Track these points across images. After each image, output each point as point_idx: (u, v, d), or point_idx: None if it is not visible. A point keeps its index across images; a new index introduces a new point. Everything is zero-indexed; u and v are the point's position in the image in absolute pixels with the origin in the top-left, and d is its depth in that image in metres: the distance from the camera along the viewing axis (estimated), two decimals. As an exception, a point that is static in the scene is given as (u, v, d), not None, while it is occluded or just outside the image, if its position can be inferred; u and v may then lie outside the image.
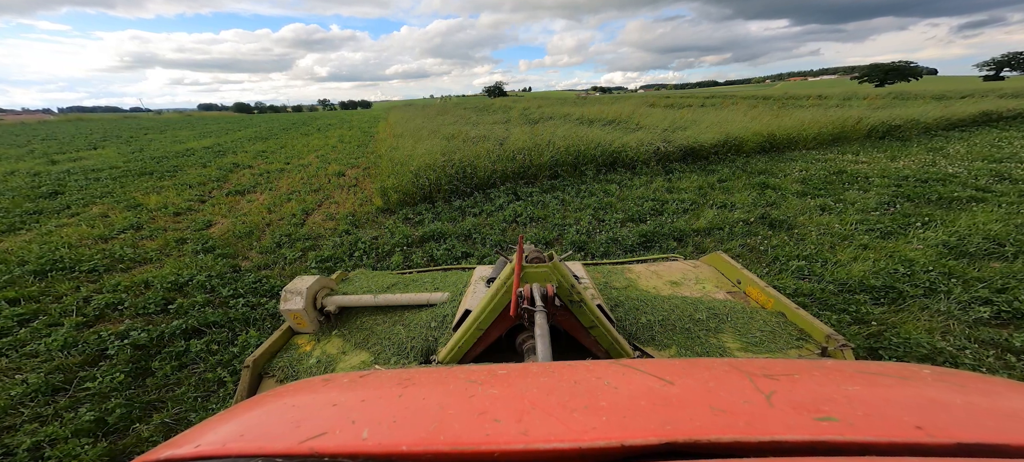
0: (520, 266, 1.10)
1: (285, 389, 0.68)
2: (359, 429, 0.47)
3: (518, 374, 0.61)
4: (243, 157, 13.51)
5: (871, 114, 12.35)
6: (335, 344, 1.78)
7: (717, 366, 0.61)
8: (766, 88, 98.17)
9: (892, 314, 3.26)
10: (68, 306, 3.99)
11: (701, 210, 5.93)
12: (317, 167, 10.99)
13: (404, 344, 1.69)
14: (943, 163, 7.97)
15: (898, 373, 0.59)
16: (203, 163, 12.42)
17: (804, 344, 1.51)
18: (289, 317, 1.82)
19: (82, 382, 2.99)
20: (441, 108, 30.64)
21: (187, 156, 14.11)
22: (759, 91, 74.03)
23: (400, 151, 9.28)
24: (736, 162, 8.83)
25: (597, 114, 18.75)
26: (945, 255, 4.08)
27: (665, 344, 1.57)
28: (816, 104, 19.44)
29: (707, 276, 2.09)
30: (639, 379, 0.55)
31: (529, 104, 31.39)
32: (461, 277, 2.16)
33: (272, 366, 1.68)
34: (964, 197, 5.83)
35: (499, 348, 1.32)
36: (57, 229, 6.32)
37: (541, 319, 1.03)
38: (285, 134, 22.53)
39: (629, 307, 1.78)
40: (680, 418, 0.45)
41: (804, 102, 21.68)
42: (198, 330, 3.59)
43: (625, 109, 20.00)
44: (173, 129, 30.45)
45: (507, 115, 21.22)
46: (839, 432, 0.41)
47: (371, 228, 6.00)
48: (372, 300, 1.91)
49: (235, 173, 10.79)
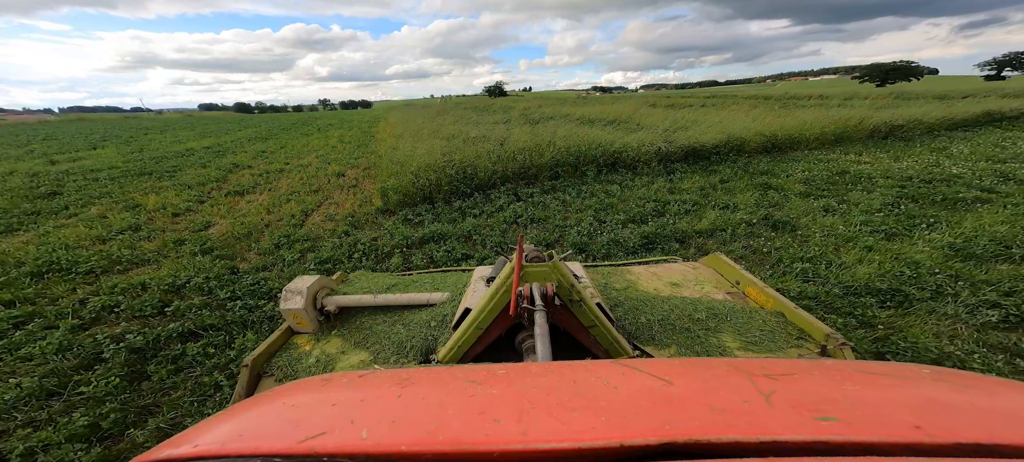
0: (520, 265, 1.10)
1: (284, 389, 0.68)
2: (358, 429, 0.47)
3: (518, 374, 0.61)
4: (243, 157, 13.48)
5: (874, 114, 12.29)
6: (334, 344, 1.77)
7: (717, 366, 0.61)
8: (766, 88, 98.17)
9: (899, 317, 3.21)
10: (64, 308, 3.95)
11: (703, 211, 5.88)
12: (317, 167, 10.95)
13: (403, 344, 1.69)
14: (947, 163, 7.92)
15: (897, 373, 0.59)
16: (203, 163, 12.39)
17: (803, 344, 1.51)
18: (289, 316, 1.81)
19: (77, 386, 2.95)
20: (441, 108, 30.61)
21: (187, 156, 14.08)
22: (760, 91, 74.08)
23: (400, 151, 9.24)
24: (738, 162, 8.78)
25: (598, 114, 18.73)
26: (952, 257, 4.03)
27: (665, 344, 1.57)
28: (818, 104, 19.38)
29: (706, 277, 2.10)
30: (639, 379, 0.55)
31: (529, 104, 31.35)
32: (461, 278, 2.16)
33: (271, 365, 1.67)
34: (969, 198, 5.78)
35: (499, 347, 1.31)
36: (55, 230, 6.29)
37: (541, 318, 1.04)
38: (285, 134, 22.52)
39: (629, 307, 1.78)
40: (680, 418, 0.45)
41: (805, 102, 21.63)
42: (195, 333, 3.55)
43: (626, 109, 19.96)
44: (173, 129, 30.44)
45: (508, 115, 21.17)
46: (839, 432, 0.41)
47: (371, 229, 5.96)
48: (372, 300, 1.91)
49: (235, 173, 10.75)
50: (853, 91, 44.46)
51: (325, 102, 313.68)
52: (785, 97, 29.85)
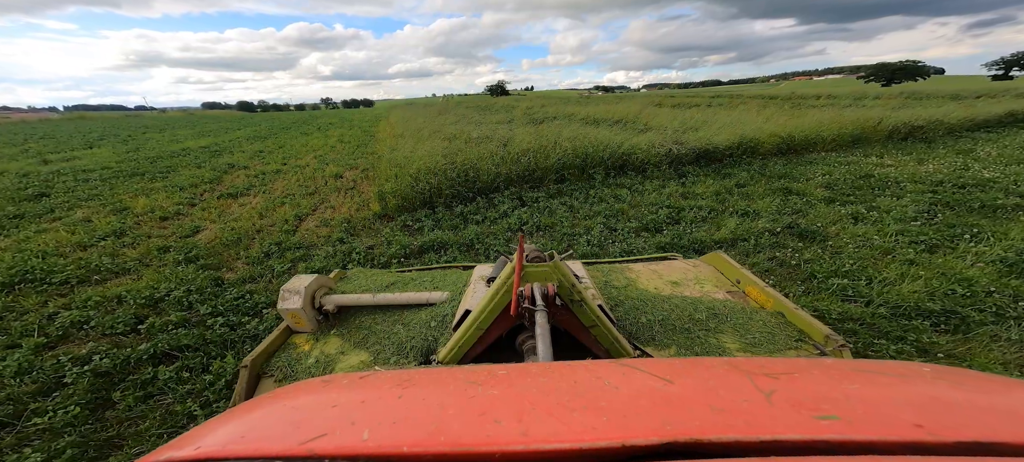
0: (521, 265, 1.08)
1: (285, 390, 0.67)
2: (359, 430, 0.46)
3: (518, 374, 0.60)
4: (239, 157, 13.15)
5: (892, 114, 11.87)
6: (334, 344, 1.76)
7: (717, 365, 0.60)
8: (771, 88, 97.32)
9: (959, 344, 2.84)
10: (29, 324, 3.62)
11: (721, 218, 5.51)
12: (314, 168, 10.61)
13: (404, 344, 1.68)
14: (976, 167, 7.51)
15: (897, 371, 0.58)
16: (198, 163, 12.07)
17: (802, 344, 1.51)
18: (287, 316, 1.80)
19: (33, 415, 2.62)
20: (443, 107, 30.20)
21: (182, 156, 13.75)
22: (765, 90, 73.38)
23: (400, 152, 8.87)
24: (753, 165, 8.39)
25: (603, 114, 18.31)
26: (1006, 273, 3.65)
27: (665, 344, 1.57)
28: (828, 104, 18.93)
29: (707, 276, 2.08)
30: (639, 379, 0.54)
31: (532, 103, 30.89)
32: (461, 276, 2.13)
33: (270, 366, 1.66)
34: (1009, 205, 5.38)
35: (499, 348, 1.31)
36: (36, 235, 5.96)
37: (542, 319, 1.03)
38: (285, 133, 22.19)
39: (629, 307, 1.77)
40: (681, 418, 0.44)
41: (814, 102, 21.19)
42: (169, 355, 3.22)
43: (631, 109, 19.54)
44: (173, 128, 30.19)
45: (510, 115, 20.77)
46: (839, 431, 0.41)
47: (367, 236, 5.61)
48: (371, 299, 1.88)
49: (230, 174, 10.42)
50: (861, 91, 44.06)
51: (327, 101, 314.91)
52: (791, 97, 29.68)
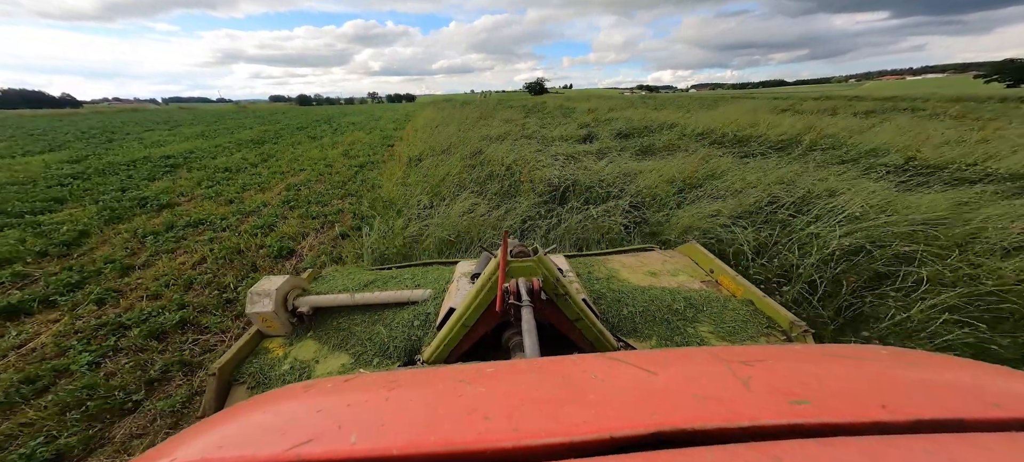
0: (505, 261, 1.07)
1: (265, 397, 0.62)
2: (347, 433, 0.44)
3: (506, 371, 0.59)
4: (185, 183, 8.70)
5: None
6: (310, 347, 1.69)
7: (697, 355, 0.61)
8: (851, 88, 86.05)
9: None
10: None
11: None
12: (268, 215, 6.36)
13: (386, 345, 1.62)
14: None
15: (861, 355, 0.59)
16: (122, 186, 8.24)
17: (771, 331, 1.58)
18: (257, 320, 1.71)
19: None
20: (482, 107, 25.66)
21: (126, 169, 10.00)
22: (845, 91, 63.59)
23: (410, 194, 4.49)
24: None
25: (697, 124, 12.90)
26: None
27: (646, 335, 1.61)
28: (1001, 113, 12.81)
29: (682, 266, 2.14)
30: (625, 371, 0.54)
31: (594, 104, 25.67)
32: (442, 273, 2.06)
33: (241, 373, 1.57)
34: None
35: (485, 345, 1.27)
36: None
37: (528, 314, 1.01)
38: (293, 136, 18.29)
39: (611, 300, 1.80)
40: (666, 408, 0.44)
41: (925, 106, 15.03)
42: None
43: (738, 115, 14.16)
44: (180, 126, 27.78)
45: (572, 118, 15.85)
46: (812, 415, 0.42)
47: None
48: (349, 299, 1.80)
49: (107, 231, 6.41)
50: (986, 92, 35.82)
51: (374, 95, 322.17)
52: (883, 99, 25.77)
